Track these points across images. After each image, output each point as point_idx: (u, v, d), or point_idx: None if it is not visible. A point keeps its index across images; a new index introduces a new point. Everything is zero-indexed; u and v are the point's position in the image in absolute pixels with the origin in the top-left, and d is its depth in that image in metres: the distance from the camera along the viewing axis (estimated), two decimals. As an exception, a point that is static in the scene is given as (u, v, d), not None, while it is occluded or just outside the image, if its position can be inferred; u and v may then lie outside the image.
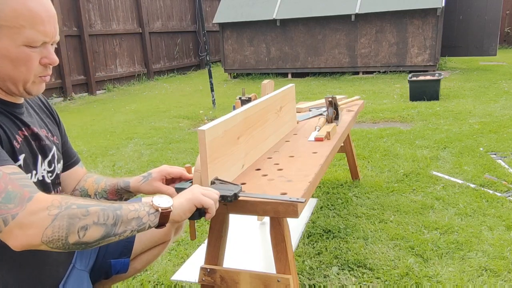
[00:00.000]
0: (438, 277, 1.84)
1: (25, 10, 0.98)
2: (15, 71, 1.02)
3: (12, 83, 1.03)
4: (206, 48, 6.17)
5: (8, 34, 0.98)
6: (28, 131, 1.10)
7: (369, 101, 5.74)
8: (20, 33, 0.98)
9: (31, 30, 0.99)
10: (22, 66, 1.02)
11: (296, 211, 1.19)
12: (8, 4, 0.97)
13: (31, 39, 1.00)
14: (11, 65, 1.01)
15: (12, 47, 0.99)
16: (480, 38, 7.86)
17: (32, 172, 1.09)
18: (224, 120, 1.35)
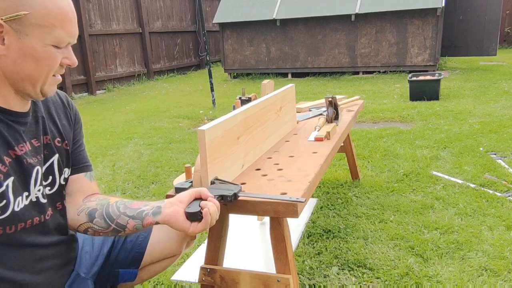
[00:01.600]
0: (438, 277, 1.84)
1: (56, 9, 0.95)
2: (37, 71, 0.98)
3: (31, 83, 0.99)
4: (206, 48, 6.18)
5: (38, 32, 0.95)
6: (23, 148, 1.03)
7: (369, 101, 5.74)
8: (50, 33, 0.95)
9: (61, 30, 0.97)
10: (45, 66, 0.98)
11: (296, 211, 1.19)
12: (39, 2, 0.93)
13: (59, 39, 0.97)
14: (34, 64, 0.97)
15: (39, 46, 0.96)
16: (480, 38, 7.86)
17: (23, 194, 1.02)
18: (224, 120, 1.35)
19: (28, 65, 0.96)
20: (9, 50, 0.94)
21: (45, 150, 1.10)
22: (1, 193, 0.96)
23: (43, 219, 1.08)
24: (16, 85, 0.99)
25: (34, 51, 0.95)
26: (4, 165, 0.97)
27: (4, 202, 0.96)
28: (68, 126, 1.19)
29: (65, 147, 1.16)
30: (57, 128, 1.15)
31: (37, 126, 1.09)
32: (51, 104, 1.16)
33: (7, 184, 0.97)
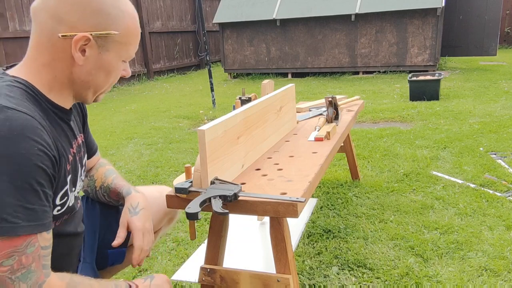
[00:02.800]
0: (438, 277, 1.84)
1: (134, 29, 1.03)
2: (105, 82, 1.05)
3: (94, 91, 1.06)
4: (206, 48, 6.18)
5: (117, 49, 1.01)
6: (76, 143, 1.10)
7: (369, 101, 5.74)
8: (127, 50, 1.03)
9: (133, 48, 1.05)
10: (112, 78, 1.06)
11: (296, 211, 1.19)
12: (124, 21, 1.00)
13: (129, 56, 1.06)
14: (104, 76, 1.03)
15: (114, 61, 1.03)
16: (480, 38, 7.86)
17: (72, 191, 1.08)
18: (224, 120, 1.35)
19: (99, 77, 1.03)
20: (87, 62, 0.99)
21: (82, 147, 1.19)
22: (66, 190, 1.03)
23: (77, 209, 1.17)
24: (80, 91, 1.05)
25: (109, 65, 1.02)
26: (69, 163, 1.04)
27: (66, 198, 1.04)
28: (81, 122, 1.26)
29: (84, 142, 1.24)
30: (78, 125, 1.22)
31: (75, 124, 1.16)
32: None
33: (68, 180, 1.04)
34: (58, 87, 1.01)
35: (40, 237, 0.88)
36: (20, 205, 0.84)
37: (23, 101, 0.92)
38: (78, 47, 0.96)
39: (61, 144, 1.01)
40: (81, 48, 0.97)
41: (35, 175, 0.86)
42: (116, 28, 0.99)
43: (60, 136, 1.02)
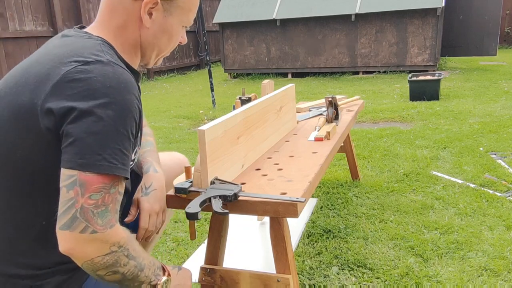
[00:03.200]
0: (438, 277, 1.84)
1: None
2: (166, 45, 1.13)
3: (157, 54, 1.14)
4: (206, 48, 6.17)
5: (179, 14, 1.10)
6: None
7: (369, 101, 5.74)
8: (187, 15, 1.11)
9: (193, 14, 1.13)
10: (173, 42, 1.13)
11: (296, 211, 1.19)
12: None
13: (189, 21, 1.13)
14: (167, 39, 1.11)
15: (176, 25, 1.11)
16: (480, 38, 7.86)
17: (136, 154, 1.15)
18: (224, 120, 1.35)
19: (163, 39, 1.11)
20: (153, 24, 1.07)
21: None
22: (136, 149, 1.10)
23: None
24: (146, 53, 1.12)
25: (172, 28, 1.10)
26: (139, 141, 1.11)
27: (136, 154, 1.12)
28: None
29: None
30: None
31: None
32: None
33: (137, 141, 1.10)
34: (129, 49, 1.09)
35: (120, 183, 0.95)
36: (119, 148, 0.92)
37: (118, 60, 1.02)
38: (146, 9, 1.04)
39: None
40: (149, 11, 1.05)
41: (132, 125, 0.95)
42: None
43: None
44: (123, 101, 0.93)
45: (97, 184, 0.90)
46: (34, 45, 7.26)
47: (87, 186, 0.89)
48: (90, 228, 0.89)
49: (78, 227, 0.89)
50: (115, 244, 0.94)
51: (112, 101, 0.91)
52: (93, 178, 0.89)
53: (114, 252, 0.93)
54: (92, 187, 0.89)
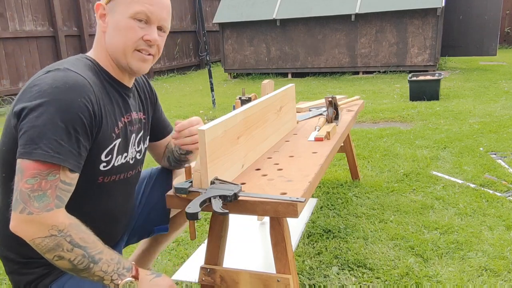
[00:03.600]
0: (438, 277, 1.84)
1: None
2: (121, 41, 1.18)
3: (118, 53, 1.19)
4: (206, 48, 6.17)
5: (121, 8, 1.17)
6: (129, 117, 1.27)
7: (369, 101, 5.74)
8: (130, 6, 1.16)
9: (138, 5, 1.16)
10: (126, 36, 1.17)
11: (296, 211, 1.19)
12: None
13: (136, 10, 1.16)
14: (118, 35, 1.18)
15: (122, 19, 1.17)
16: (480, 38, 7.86)
17: (123, 154, 1.25)
18: (224, 120, 1.35)
19: (115, 36, 1.18)
20: (107, 27, 1.19)
21: (139, 123, 1.35)
22: (110, 149, 1.19)
23: (127, 176, 1.32)
24: (114, 57, 1.20)
25: (118, 23, 1.17)
26: (118, 128, 1.21)
27: (110, 157, 1.20)
28: (151, 105, 1.46)
29: (147, 123, 1.42)
30: (143, 106, 1.40)
31: (135, 102, 1.34)
32: (141, 84, 1.42)
33: (115, 143, 1.20)
34: (105, 58, 1.22)
35: (63, 172, 1.04)
36: (55, 139, 1.02)
37: (84, 69, 1.14)
38: (99, 15, 1.20)
39: (108, 108, 1.18)
40: (102, 16, 1.20)
41: (73, 121, 1.04)
42: None
43: (110, 103, 1.20)
44: (65, 99, 1.04)
45: (32, 170, 1.01)
46: (34, 45, 7.26)
47: (24, 172, 1.01)
48: (27, 209, 1.00)
49: (18, 208, 1.01)
50: (53, 227, 1.02)
51: (55, 99, 1.03)
52: (29, 165, 1.01)
53: (54, 236, 1.02)
54: (28, 172, 1.01)
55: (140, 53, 1.20)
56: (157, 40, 1.21)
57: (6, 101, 6.72)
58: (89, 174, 1.16)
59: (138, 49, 1.20)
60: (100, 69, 1.21)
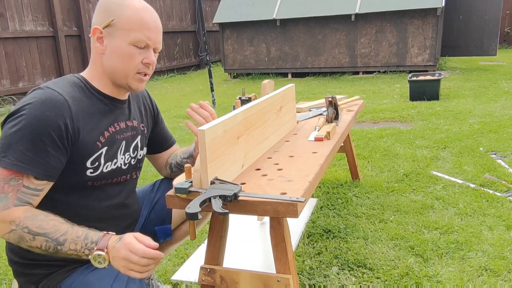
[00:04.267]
0: (438, 277, 1.84)
1: (136, 18, 1.25)
2: (122, 65, 1.27)
3: (119, 76, 1.29)
4: (206, 48, 6.17)
5: (121, 35, 1.25)
6: (118, 126, 1.35)
7: (369, 101, 5.73)
8: (130, 35, 1.25)
9: (138, 33, 1.25)
10: (127, 62, 1.27)
11: (296, 211, 1.19)
12: (125, 12, 1.25)
13: (137, 39, 1.25)
14: (119, 59, 1.26)
15: (123, 45, 1.25)
16: (480, 38, 7.85)
17: (113, 161, 1.33)
18: (224, 120, 1.35)
19: (115, 60, 1.27)
20: (106, 50, 1.27)
21: (133, 130, 1.42)
22: (96, 157, 1.27)
23: (121, 180, 1.39)
24: (112, 77, 1.30)
25: (118, 49, 1.26)
26: (103, 137, 1.30)
27: (97, 163, 1.28)
28: (150, 117, 1.54)
29: (145, 132, 1.50)
30: (141, 116, 1.48)
31: (129, 112, 1.42)
32: (140, 98, 1.51)
33: (101, 152, 1.29)
34: (101, 78, 1.31)
35: (26, 178, 1.15)
36: (21, 150, 1.13)
37: (65, 87, 1.23)
38: (96, 38, 1.27)
39: (91, 120, 1.27)
40: (99, 39, 1.27)
41: (41, 134, 1.14)
42: (117, 18, 1.24)
43: (94, 115, 1.28)
44: (33, 113, 1.14)
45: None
46: (34, 45, 7.26)
47: None
48: None
49: None
50: (11, 223, 1.12)
51: (28, 113, 1.14)
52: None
53: (14, 230, 1.12)
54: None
55: (140, 74, 1.30)
56: (155, 62, 1.32)
57: (6, 101, 6.72)
58: (76, 179, 1.27)
59: (139, 72, 1.30)
60: (88, 85, 1.30)
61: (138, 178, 1.54)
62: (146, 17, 1.27)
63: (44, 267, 1.28)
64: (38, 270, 1.28)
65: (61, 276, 1.29)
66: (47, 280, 1.28)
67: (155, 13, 1.32)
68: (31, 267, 1.28)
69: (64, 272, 1.29)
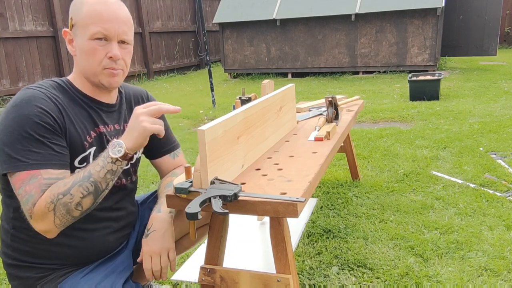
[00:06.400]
0: (438, 277, 1.84)
1: (92, 11, 1.23)
2: (88, 62, 1.26)
3: (90, 74, 1.27)
4: (206, 48, 6.17)
5: (81, 32, 1.24)
6: (104, 128, 1.34)
7: (369, 101, 5.73)
8: (87, 29, 1.23)
9: (94, 26, 1.23)
10: (91, 57, 1.25)
11: (296, 211, 1.19)
12: (82, 9, 1.24)
13: (93, 32, 1.23)
14: (85, 56, 1.26)
15: (84, 42, 1.24)
16: (480, 38, 7.85)
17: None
18: (224, 120, 1.35)
19: (83, 59, 1.26)
20: (76, 51, 1.28)
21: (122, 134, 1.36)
22: (85, 157, 1.27)
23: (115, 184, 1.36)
24: (86, 77, 1.29)
25: (81, 46, 1.25)
26: (90, 137, 1.29)
27: (85, 164, 1.27)
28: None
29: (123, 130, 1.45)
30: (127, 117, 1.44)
31: (119, 115, 1.41)
32: (133, 101, 1.47)
33: (90, 152, 1.28)
34: (82, 79, 1.31)
35: (44, 172, 1.15)
36: (28, 149, 1.14)
37: (47, 88, 1.24)
38: (67, 41, 1.30)
39: (77, 119, 1.27)
40: (69, 42, 1.29)
41: (37, 129, 1.15)
42: (76, 16, 1.25)
43: (80, 115, 1.28)
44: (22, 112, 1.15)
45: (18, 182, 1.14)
46: (34, 45, 7.26)
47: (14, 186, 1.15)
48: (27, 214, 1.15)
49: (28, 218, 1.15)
50: (47, 205, 1.12)
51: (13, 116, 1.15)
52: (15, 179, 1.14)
53: (55, 206, 1.13)
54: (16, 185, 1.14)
55: (108, 70, 1.27)
56: (119, 55, 1.27)
57: (6, 101, 6.72)
58: None
59: (106, 67, 1.27)
60: (71, 87, 1.30)
61: (136, 182, 1.51)
62: (101, 9, 1.24)
63: (37, 270, 1.28)
64: (31, 273, 1.29)
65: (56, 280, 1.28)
66: (41, 284, 1.28)
67: (118, 4, 1.28)
68: (25, 270, 1.29)
69: (58, 276, 1.29)
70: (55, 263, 1.30)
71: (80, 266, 1.33)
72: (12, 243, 1.29)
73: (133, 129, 1.18)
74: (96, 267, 1.35)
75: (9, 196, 1.25)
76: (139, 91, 1.52)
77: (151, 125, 1.17)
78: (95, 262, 1.36)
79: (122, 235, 1.46)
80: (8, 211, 1.28)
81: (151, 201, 1.61)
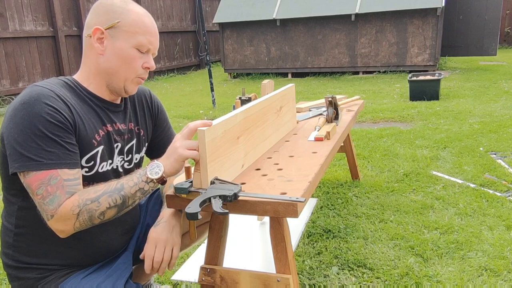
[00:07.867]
0: (438, 277, 1.84)
1: (141, 22, 1.27)
2: (122, 68, 1.27)
3: (117, 78, 1.29)
4: (206, 48, 6.17)
5: (125, 37, 1.26)
6: (111, 127, 1.34)
7: (369, 101, 5.73)
8: (133, 37, 1.26)
9: (142, 37, 1.27)
10: (128, 64, 1.27)
11: (296, 211, 1.19)
12: (129, 16, 1.26)
13: (140, 43, 1.27)
14: (120, 62, 1.27)
15: (125, 47, 1.26)
16: (480, 38, 7.85)
17: (108, 161, 1.32)
18: (224, 120, 1.35)
19: (115, 62, 1.27)
20: (105, 50, 1.27)
21: (128, 133, 1.41)
22: (92, 155, 1.26)
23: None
24: (108, 79, 1.29)
25: (121, 51, 1.26)
26: (99, 136, 1.29)
27: (92, 162, 1.27)
28: (148, 116, 1.51)
29: (142, 134, 1.48)
30: (138, 119, 1.46)
31: (124, 115, 1.41)
32: (136, 101, 1.48)
33: (97, 150, 1.28)
34: (93, 79, 1.30)
35: (62, 172, 1.14)
36: (42, 148, 1.12)
37: (55, 86, 1.22)
38: (96, 38, 1.26)
39: (86, 117, 1.26)
40: (99, 40, 1.26)
41: (49, 127, 1.14)
42: (123, 21, 1.25)
43: (88, 113, 1.28)
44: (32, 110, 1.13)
45: (35, 182, 1.12)
46: (34, 45, 7.26)
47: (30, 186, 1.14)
48: (48, 215, 1.14)
49: (45, 218, 1.15)
50: (73, 208, 1.13)
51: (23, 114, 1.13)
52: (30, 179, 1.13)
53: (80, 211, 1.13)
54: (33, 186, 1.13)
55: (138, 78, 1.32)
56: (154, 66, 1.33)
57: (6, 101, 6.72)
58: None
59: (139, 76, 1.31)
60: (78, 86, 1.30)
61: None
62: (149, 23, 1.29)
63: (37, 270, 1.28)
64: (32, 273, 1.28)
65: (56, 280, 1.28)
66: (41, 285, 1.28)
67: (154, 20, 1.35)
68: (25, 271, 1.28)
69: (58, 277, 1.29)
70: (57, 264, 1.30)
71: (82, 267, 1.33)
72: (14, 243, 1.28)
73: (170, 155, 1.22)
74: (97, 267, 1.35)
75: (14, 195, 1.24)
76: (142, 91, 1.53)
77: (187, 152, 1.20)
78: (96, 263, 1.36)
79: (126, 238, 1.46)
80: (12, 210, 1.27)
81: (150, 203, 1.61)
